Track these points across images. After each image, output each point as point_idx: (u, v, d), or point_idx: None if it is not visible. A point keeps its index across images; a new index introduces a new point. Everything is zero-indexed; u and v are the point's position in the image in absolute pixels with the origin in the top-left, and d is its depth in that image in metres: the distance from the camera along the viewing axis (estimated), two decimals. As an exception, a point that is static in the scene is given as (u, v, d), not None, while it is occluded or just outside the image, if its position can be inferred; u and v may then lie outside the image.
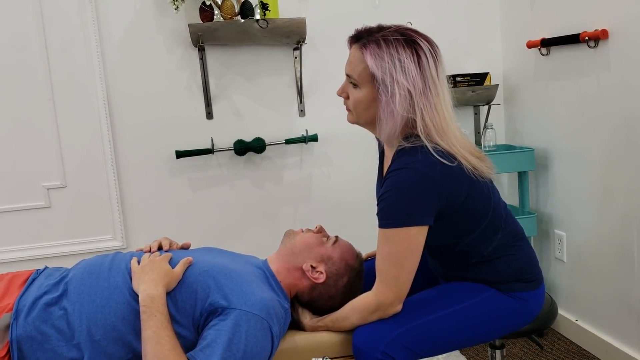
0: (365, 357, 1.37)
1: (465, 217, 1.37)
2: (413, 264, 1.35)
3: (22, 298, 1.36)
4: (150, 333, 1.24)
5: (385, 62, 1.30)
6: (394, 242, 1.33)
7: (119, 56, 2.46)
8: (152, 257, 1.41)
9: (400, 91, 1.29)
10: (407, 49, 1.31)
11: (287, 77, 2.62)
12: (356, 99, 1.39)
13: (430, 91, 1.32)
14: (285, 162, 2.67)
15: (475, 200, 1.37)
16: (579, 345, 2.45)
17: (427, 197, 1.30)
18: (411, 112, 1.32)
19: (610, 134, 2.15)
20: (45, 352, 1.30)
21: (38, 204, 2.46)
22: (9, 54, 2.36)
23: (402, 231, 1.31)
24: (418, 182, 1.29)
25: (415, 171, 1.29)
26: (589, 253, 2.36)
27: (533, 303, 1.47)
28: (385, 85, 1.30)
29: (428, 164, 1.30)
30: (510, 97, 2.79)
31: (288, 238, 1.54)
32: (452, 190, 1.32)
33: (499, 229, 1.44)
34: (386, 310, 1.38)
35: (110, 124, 2.47)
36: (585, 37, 2.15)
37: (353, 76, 1.38)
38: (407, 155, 1.32)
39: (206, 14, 2.37)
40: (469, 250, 1.43)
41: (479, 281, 1.46)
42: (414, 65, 1.30)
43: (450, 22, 2.74)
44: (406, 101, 1.30)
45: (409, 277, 1.35)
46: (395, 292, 1.36)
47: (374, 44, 1.33)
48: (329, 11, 2.61)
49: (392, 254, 1.33)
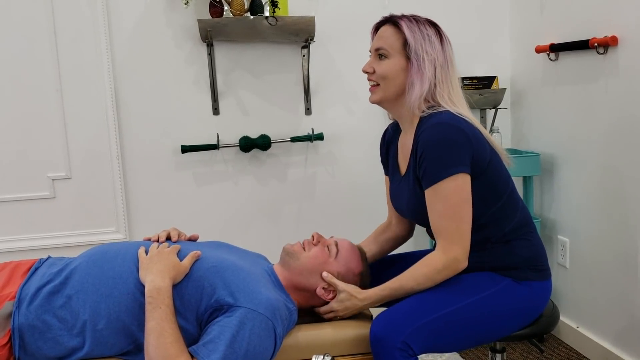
0: (384, 347, 1.37)
1: (490, 181, 1.46)
2: (469, 212, 1.42)
3: (24, 286, 1.36)
4: (154, 324, 1.24)
5: (416, 34, 1.48)
6: (445, 195, 1.40)
7: (127, 49, 2.47)
8: (160, 248, 1.41)
9: (429, 58, 1.47)
10: (432, 28, 1.51)
11: (294, 75, 2.62)
12: (386, 68, 1.50)
13: (448, 68, 1.50)
14: (290, 160, 2.67)
15: (497, 168, 1.48)
16: (580, 352, 2.44)
17: (461, 147, 1.40)
18: (436, 79, 1.48)
19: (617, 141, 2.14)
20: (47, 341, 1.31)
21: (43, 195, 2.47)
22: (18, 45, 2.37)
23: (450, 181, 1.39)
24: (450, 133, 1.40)
25: (446, 125, 1.41)
26: (592, 260, 2.35)
27: (543, 293, 1.54)
28: (417, 53, 1.47)
29: (456, 120, 1.43)
30: (518, 101, 2.78)
31: (291, 258, 1.49)
32: (478, 147, 1.43)
33: (517, 207, 1.52)
34: (455, 267, 1.43)
35: (117, 117, 2.48)
36: (594, 43, 2.14)
37: (384, 47, 1.50)
38: (434, 117, 1.45)
39: (216, 10, 2.37)
40: (491, 225, 1.48)
41: (495, 268, 1.50)
42: (438, 42, 1.50)
43: (460, 25, 2.73)
44: (433, 68, 1.47)
45: (468, 227, 1.42)
46: (461, 246, 1.42)
47: (406, 19, 1.51)
48: (338, 10, 2.61)
49: (448, 207, 1.40)
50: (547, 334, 2.54)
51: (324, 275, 1.46)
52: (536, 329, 1.55)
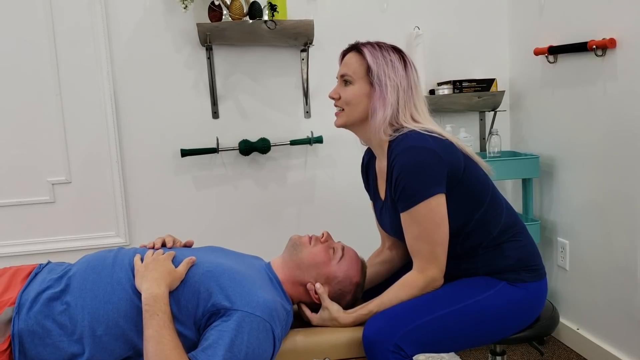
0: (377, 350, 1.38)
1: (469, 188, 1.48)
2: (443, 235, 1.44)
3: (24, 292, 1.36)
4: (152, 332, 1.24)
5: (379, 60, 1.50)
6: (418, 220, 1.43)
7: (127, 53, 2.47)
8: (155, 255, 1.41)
9: (391, 84, 1.49)
10: (396, 54, 1.53)
11: (293, 78, 2.62)
12: (350, 94, 1.53)
13: (412, 92, 1.52)
14: (289, 163, 2.67)
15: (474, 173, 1.50)
16: (580, 354, 2.44)
17: (434, 168, 1.42)
18: (399, 104, 1.50)
19: (616, 143, 2.15)
20: (47, 347, 1.30)
21: (43, 199, 2.47)
22: (18, 50, 2.38)
23: (423, 206, 1.41)
24: (421, 157, 1.42)
25: (415, 149, 1.43)
26: (592, 262, 2.35)
27: (539, 294, 1.54)
28: (380, 79, 1.49)
29: (423, 139, 1.44)
30: (517, 103, 2.79)
31: (295, 249, 1.52)
32: (451, 159, 1.44)
33: (502, 209, 1.54)
34: (433, 285, 1.47)
35: (116, 121, 2.48)
36: (593, 45, 2.14)
37: (348, 74, 1.53)
38: (402, 141, 1.46)
39: (215, 14, 2.38)
40: (479, 231, 1.50)
41: (489, 273, 1.51)
42: (402, 67, 1.51)
43: (458, 28, 2.74)
44: (395, 94, 1.49)
45: (443, 248, 1.45)
46: (437, 266, 1.45)
47: (370, 46, 1.53)
48: (337, 14, 2.61)
49: (421, 231, 1.43)
50: (547, 336, 2.55)
51: (317, 286, 1.48)
52: (536, 331, 1.55)
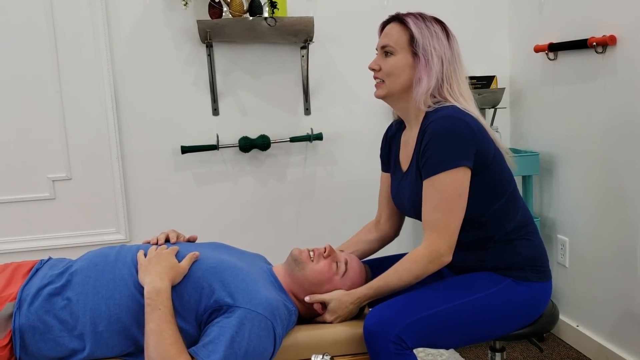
0: (378, 341, 1.37)
1: (492, 178, 1.47)
2: (461, 209, 1.42)
3: (25, 287, 1.37)
4: (153, 326, 1.25)
5: (423, 30, 1.49)
6: (442, 187, 1.41)
7: (127, 50, 2.47)
8: (159, 249, 1.41)
9: (437, 54, 1.48)
10: (439, 25, 1.53)
11: (293, 75, 2.62)
12: (392, 65, 1.51)
13: (456, 63, 1.52)
14: (289, 160, 2.67)
15: (501, 165, 1.49)
16: (579, 351, 2.45)
17: (466, 141, 1.41)
18: (444, 74, 1.49)
19: (616, 140, 2.15)
20: (47, 342, 1.31)
21: (43, 196, 2.47)
22: (18, 47, 2.37)
23: (449, 174, 1.40)
24: (456, 127, 1.41)
25: (452, 118, 1.42)
26: (592, 259, 2.35)
27: (543, 295, 1.53)
28: (425, 49, 1.48)
29: (462, 114, 1.44)
30: (517, 101, 2.79)
31: (297, 266, 1.48)
32: (482, 142, 1.44)
33: (519, 207, 1.53)
34: (438, 261, 1.43)
35: (116, 118, 2.48)
36: (593, 42, 2.14)
37: (390, 44, 1.51)
38: (441, 110, 1.45)
39: (215, 11, 2.38)
40: (493, 223, 1.49)
41: (496, 268, 1.50)
42: (445, 38, 1.51)
43: (458, 25, 2.70)
44: (440, 64, 1.48)
45: (458, 224, 1.43)
46: (447, 241, 1.42)
47: (413, 17, 1.52)
48: (337, 10, 2.61)
49: (442, 200, 1.41)
50: (546, 333, 2.55)
51: (306, 299, 1.46)
52: (536, 328, 1.55)
